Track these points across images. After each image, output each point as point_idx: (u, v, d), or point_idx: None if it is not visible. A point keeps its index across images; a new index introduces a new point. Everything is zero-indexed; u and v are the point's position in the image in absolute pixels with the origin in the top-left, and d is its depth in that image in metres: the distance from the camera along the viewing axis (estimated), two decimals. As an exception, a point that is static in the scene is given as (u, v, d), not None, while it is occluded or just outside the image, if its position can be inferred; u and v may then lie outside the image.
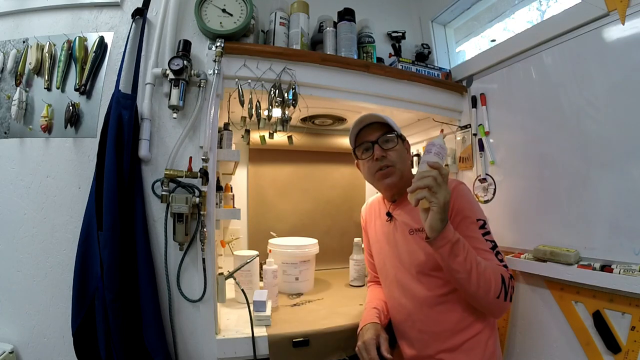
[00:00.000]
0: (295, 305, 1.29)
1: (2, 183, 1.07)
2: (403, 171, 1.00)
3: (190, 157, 1.03)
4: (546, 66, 1.12)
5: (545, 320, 1.08)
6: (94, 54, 1.07)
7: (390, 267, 1.04)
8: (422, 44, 1.57)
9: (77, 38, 1.08)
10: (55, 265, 1.03)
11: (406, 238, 0.98)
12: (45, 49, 1.09)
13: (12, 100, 1.07)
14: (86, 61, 1.08)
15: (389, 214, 1.05)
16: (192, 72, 1.04)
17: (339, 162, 1.88)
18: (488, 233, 0.90)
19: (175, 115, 1.04)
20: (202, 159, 1.01)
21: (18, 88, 1.08)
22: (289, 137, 1.31)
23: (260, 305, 1.08)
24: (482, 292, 0.80)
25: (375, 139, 0.99)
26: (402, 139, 1.04)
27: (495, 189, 1.30)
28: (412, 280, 0.96)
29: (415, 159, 1.68)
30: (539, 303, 1.10)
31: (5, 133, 1.10)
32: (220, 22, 1.10)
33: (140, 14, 1.08)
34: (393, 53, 1.52)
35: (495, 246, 0.88)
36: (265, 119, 1.20)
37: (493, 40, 1.44)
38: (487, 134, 1.34)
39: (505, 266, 0.86)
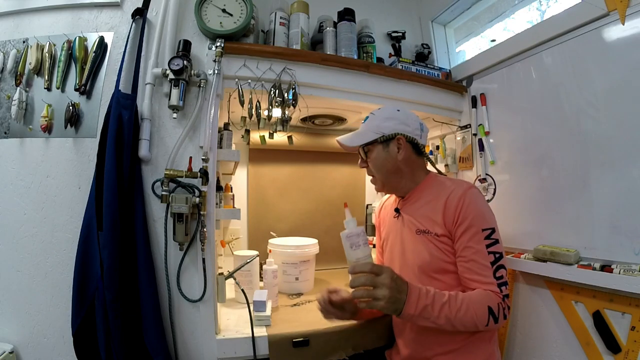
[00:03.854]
0: (295, 305, 1.29)
1: (2, 183, 1.07)
2: (384, 180, 1.00)
3: (190, 157, 1.03)
4: (546, 66, 1.12)
5: (545, 320, 1.08)
6: (94, 54, 1.07)
7: (396, 264, 1.02)
8: (422, 44, 1.56)
9: (77, 38, 1.08)
10: (55, 265, 1.03)
11: (413, 237, 0.96)
12: (45, 49, 1.09)
13: (12, 100, 1.07)
14: (86, 61, 1.08)
15: (397, 210, 1.05)
16: (192, 72, 1.04)
17: (339, 162, 1.88)
18: (494, 243, 0.86)
19: (175, 115, 1.04)
20: (202, 159, 1.01)
21: (18, 88, 1.08)
22: (289, 137, 1.31)
23: (260, 305, 1.08)
24: (465, 330, 0.81)
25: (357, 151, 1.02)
26: (382, 142, 0.98)
27: (495, 189, 1.30)
28: (414, 280, 0.94)
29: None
30: (539, 303, 1.10)
31: (5, 133, 1.10)
32: (220, 22, 1.10)
33: (140, 14, 1.08)
34: (393, 53, 1.52)
35: (499, 258, 0.85)
36: (265, 119, 1.20)
37: (493, 40, 1.44)
38: (487, 134, 1.34)
39: (503, 284, 0.84)
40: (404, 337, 0.98)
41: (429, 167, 1.08)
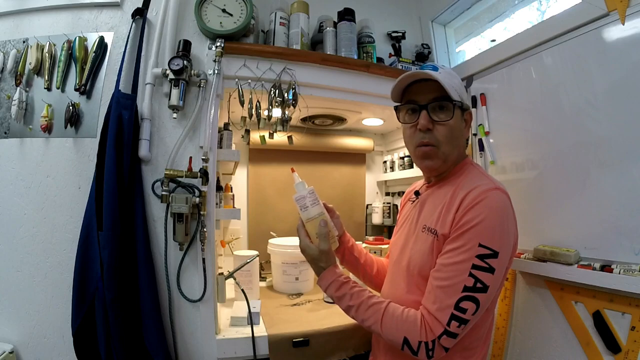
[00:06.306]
0: (295, 305, 1.29)
1: (2, 183, 1.07)
2: (448, 154, 0.80)
3: (190, 157, 1.03)
4: (546, 66, 1.12)
5: (545, 320, 1.08)
6: (94, 54, 1.07)
7: (392, 259, 0.93)
8: (422, 44, 1.56)
9: (77, 38, 1.08)
10: (55, 265, 1.03)
11: (419, 232, 0.83)
12: (45, 49, 1.09)
13: (12, 100, 1.07)
14: (86, 61, 1.08)
15: (417, 194, 0.92)
16: (192, 72, 1.04)
17: (339, 162, 1.88)
18: (486, 270, 0.67)
19: (175, 115, 1.04)
20: (202, 159, 1.01)
21: (18, 88, 1.08)
22: (289, 137, 1.31)
23: (255, 317, 1.06)
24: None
25: (426, 103, 0.78)
26: (462, 109, 0.81)
27: (495, 189, 1.30)
28: (402, 283, 0.84)
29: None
30: (539, 303, 1.10)
31: (5, 133, 1.10)
32: (220, 22, 1.10)
33: (140, 14, 1.08)
34: (393, 53, 1.52)
35: (477, 289, 0.66)
36: (265, 119, 1.20)
37: (493, 40, 1.44)
38: (487, 134, 1.34)
39: (458, 319, 0.66)
40: (379, 345, 0.91)
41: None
